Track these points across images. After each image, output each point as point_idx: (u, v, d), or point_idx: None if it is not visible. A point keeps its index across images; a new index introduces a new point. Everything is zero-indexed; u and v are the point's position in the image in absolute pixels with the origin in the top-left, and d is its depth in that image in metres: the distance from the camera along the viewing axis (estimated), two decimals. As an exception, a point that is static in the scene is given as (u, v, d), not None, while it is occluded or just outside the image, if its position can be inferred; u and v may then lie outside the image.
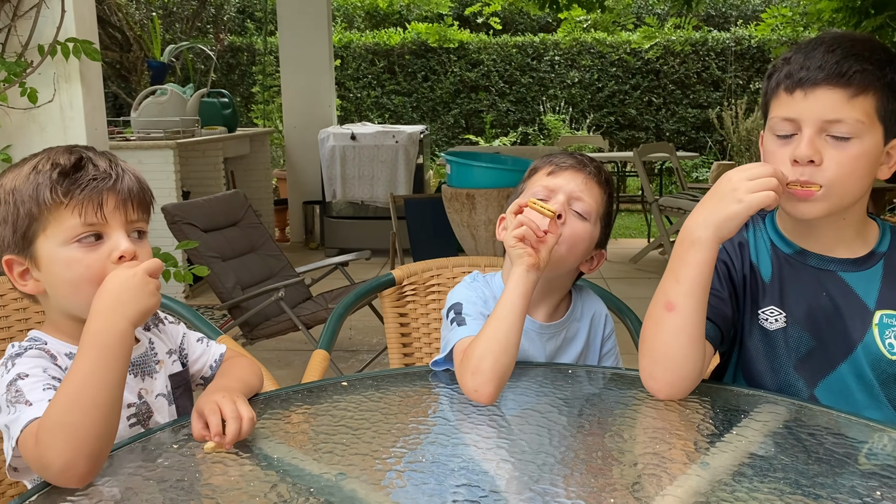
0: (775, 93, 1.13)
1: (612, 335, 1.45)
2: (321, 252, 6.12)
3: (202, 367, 1.22)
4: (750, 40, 9.50)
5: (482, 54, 9.80)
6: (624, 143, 9.58)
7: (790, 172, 1.10)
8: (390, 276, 1.71)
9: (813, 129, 1.08)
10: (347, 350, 3.83)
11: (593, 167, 1.35)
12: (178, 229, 3.33)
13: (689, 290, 1.09)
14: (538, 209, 1.16)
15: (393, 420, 1.10)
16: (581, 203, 1.30)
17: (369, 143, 5.91)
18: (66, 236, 1.00)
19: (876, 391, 1.17)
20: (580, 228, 1.29)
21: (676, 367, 1.11)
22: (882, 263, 1.18)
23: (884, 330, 1.16)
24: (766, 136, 1.16)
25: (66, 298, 1.03)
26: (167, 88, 5.17)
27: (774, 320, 1.19)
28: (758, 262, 1.22)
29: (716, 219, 1.07)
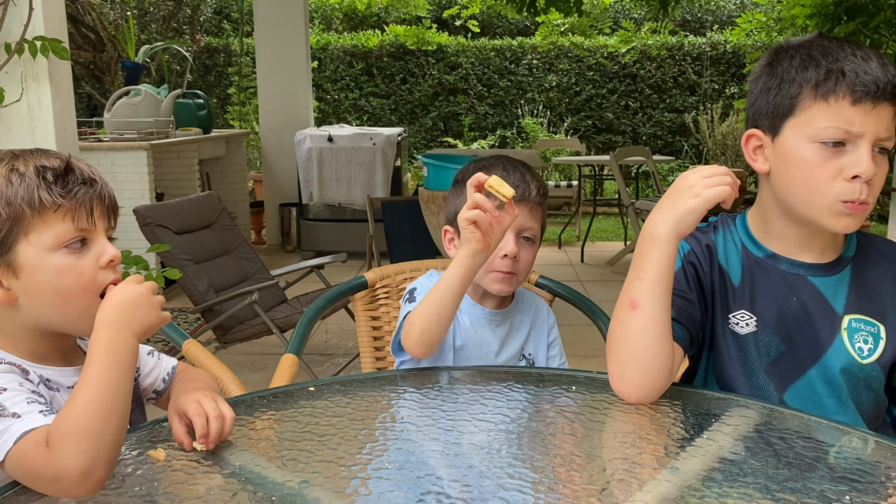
0: (830, 97, 1.06)
1: (554, 325, 1.56)
2: (298, 255, 6.07)
3: (154, 381, 1.19)
4: (725, 45, 9.59)
5: (460, 57, 9.80)
6: (601, 147, 9.62)
7: (844, 190, 1.07)
8: (363, 278, 1.69)
9: (871, 144, 1.07)
10: (323, 354, 3.80)
11: (535, 189, 1.39)
12: (151, 231, 3.28)
13: (652, 288, 1.09)
14: (495, 192, 1.15)
15: (359, 426, 1.08)
16: (530, 230, 1.40)
17: (346, 146, 5.88)
18: (55, 241, 0.97)
19: (844, 396, 1.17)
20: (532, 253, 1.41)
21: (644, 367, 1.10)
22: (850, 268, 1.19)
23: (853, 334, 1.16)
24: (798, 143, 1.10)
25: (50, 308, 0.99)
26: (141, 89, 5.10)
27: (745, 324, 1.19)
28: (727, 265, 1.22)
29: (674, 214, 1.08)
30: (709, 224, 1.27)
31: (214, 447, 0.97)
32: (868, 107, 1.05)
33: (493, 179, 1.14)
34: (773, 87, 1.12)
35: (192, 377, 1.17)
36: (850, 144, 1.07)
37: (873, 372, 1.16)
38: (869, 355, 1.16)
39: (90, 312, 0.96)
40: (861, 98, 1.05)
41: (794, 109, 1.10)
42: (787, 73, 1.11)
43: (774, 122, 1.13)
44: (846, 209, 1.08)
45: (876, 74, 1.05)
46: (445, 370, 1.32)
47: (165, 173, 5.30)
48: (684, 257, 1.22)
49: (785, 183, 1.13)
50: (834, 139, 1.07)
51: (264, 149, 6.60)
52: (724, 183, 1.06)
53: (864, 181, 1.06)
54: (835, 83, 1.06)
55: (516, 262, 1.38)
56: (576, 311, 1.73)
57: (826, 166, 1.08)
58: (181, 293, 4.57)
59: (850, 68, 1.06)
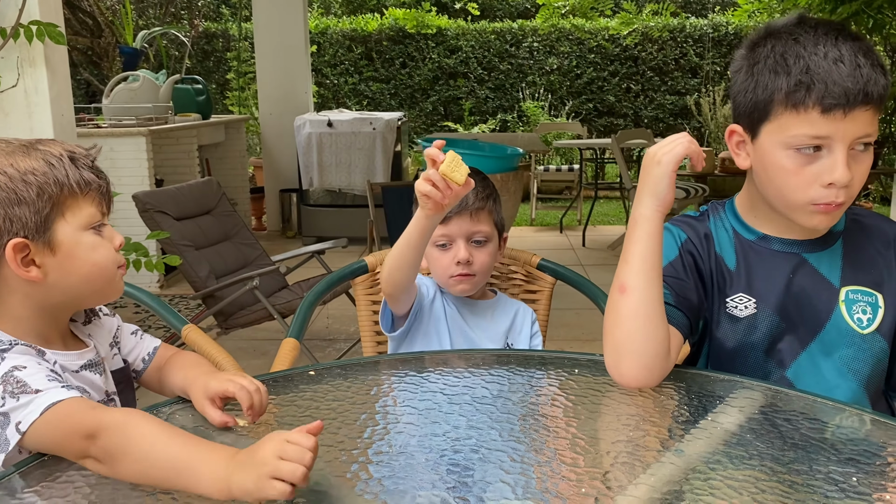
0: (800, 107, 1.05)
1: (535, 321, 1.61)
2: (298, 241, 6.05)
3: (134, 360, 1.20)
4: (727, 26, 9.52)
5: (460, 41, 9.73)
6: (602, 130, 9.58)
7: (820, 195, 1.07)
8: (363, 263, 1.68)
9: (846, 149, 1.05)
10: (324, 339, 3.79)
11: (474, 196, 1.44)
12: (150, 217, 3.26)
13: (639, 268, 1.10)
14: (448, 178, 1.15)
15: (360, 410, 1.07)
16: (479, 233, 1.47)
17: (346, 131, 5.85)
18: (87, 221, 1.04)
19: (845, 370, 1.17)
20: (487, 253, 1.48)
21: (639, 351, 1.09)
22: (841, 241, 1.19)
23: (851, 305, 1.16)
24: (774, 149, 1.10)
25: (85, 280, 1.05)
26: (139, 75, 5.07)
27: (744, 307, 1.19)
28: (721, 251, 1.22)
29: (647, 189, 1.11)
30: (702, 213, 1.28)
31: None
32: (839, 115, 1.04)
33: (445, 164, 1.14)
34: (750, 90, 1.12)
35: (193, 361, 1.17)
36: (825, 149, 1.06)
37: (875, 341, 1.17)
38: (868, 325, 1.16)
39: (111, 283, 1.08)
40: (830, 108, 1.04)
41: (769, 115, 1.10)
42: (761, 77, 1.10)
43: (752, 123, 1.13)
44: (821, 210, 1.08)
45: (845, 84, 1.03)
46: (447, 353, 1.31)
47: (165, 159, 5.28)
48: (681, 246, 1.22)
49: (763, 183, 1.15)
50: (805, 146, 1.07)
51: (264, 134, 6.57)
52: (681, 142, 1.10)
53: (840, 188, 1.06)
54: (804, 94, 1.05)
55: (471, 265, 1.46)
56: (577, 295, 1.72)
57: (801, 173, 1.08)
58: (182, 279, 4.56)
59: (819, 77, 1.04)
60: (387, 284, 1.35)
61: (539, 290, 1.74)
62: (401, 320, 1.45)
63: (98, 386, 1.08)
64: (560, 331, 1.60)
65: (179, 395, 1.11)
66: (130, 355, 1.19)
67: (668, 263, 1.19)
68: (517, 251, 1.74)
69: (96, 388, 1.08)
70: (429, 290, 1.51)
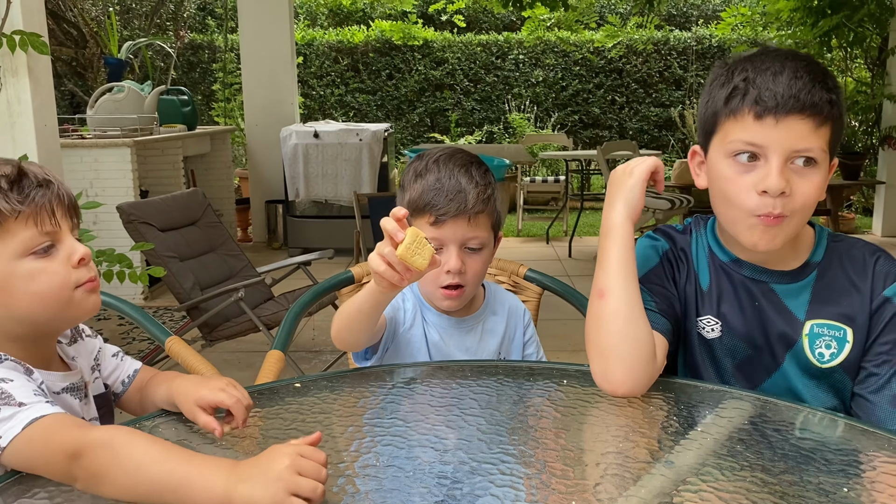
0: (737, 114, 1.08)
1: (530, 323, 1.49)
2: (284, 252, 6.03)
3: (113, 383, 1.18)
4: (711, 39, 9.60)
5: (447, 52, 9.76)
6: (588, 142, 9.62)
7: (757, 205, 1.07)
8: (349, 273, 1.67)
9: (781, 159, 1.06)
10: (310, 351, 3.77)
11: (473, 198, 1.27)
12: (134, 228, 3.23)
13: (616, 272, 1.12)
14: (408, 263, 0.99)
15: (347, 422, 1.06)
16: (475, 240, 1.30)
17: (333, 141, 5.83)
18: (21, 248, 0.96)
19: (809, 398, 1.18)
20: (480, 261, 1.32)
21: (624, 356, 1.09)
22: (815, 274, 1.18)
23: (814, 340, 1.16)
24: (718, 159, 1.12)
25: (28, 311, 0.99)
26: (124, 85, 5.04)
27: (711, 329, 1.20)
28: (697, 269, 1.23)
29: (621, 197, 1.14)
30: (685, 227, 1.28)
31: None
32: (771, 122, 1.05)
33: (405, 246, 0.97)
34: (703, 105, 1.16)
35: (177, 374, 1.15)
36: (761, 159, 1.07)
37: (835, 375, 1.16)
38: (830, 360, 1.16)
39: (69, 305, 0.99)
40: (762, 114, 1.05)
41: (715, 126, 1.12)
42: (712, 91, 1.13)
43: (705, 140, 1.16)
44: (760, 223, 1.08)
45: (778, 90, 1.04)
46: (435, 364, 1.30)
47: (150, 170, 5.24)
48: (663, 255, 1.24)
49: (712, 198, 1.16)
50: (741, 152, 1.08)
51: (250, 145, 6.55)
52: (651, 158, 1.16)
53: (774, 196, 1.06)
54: (739, 100, 1.08)
55: (463, 274, 1.30)
56: (565, 305, 1.71)
57: (738, 181, 1.09)
58: (166, 291, 4.52)
59: (756, 84, 1.06)
60: (337, 342, 1.21)
61: (526, 300, 1.73)
62: (373, 349, 1.31)
63: (76, 411, 1.05)
64: (548, 341, 1.57)
65: (163, 408, 1.09)
66: (110, 378, 1.17)
67: (650, 271, 1.21)
68: (504, 261, 1.73)
69: (73, 413, 1.04)
70: (406, 315, 1.36)
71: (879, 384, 1.13)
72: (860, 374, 1.16)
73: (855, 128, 6.92)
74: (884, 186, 6.48)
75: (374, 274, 1.04)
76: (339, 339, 1.19)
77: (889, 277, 1.16)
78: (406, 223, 1.01)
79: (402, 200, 1.33)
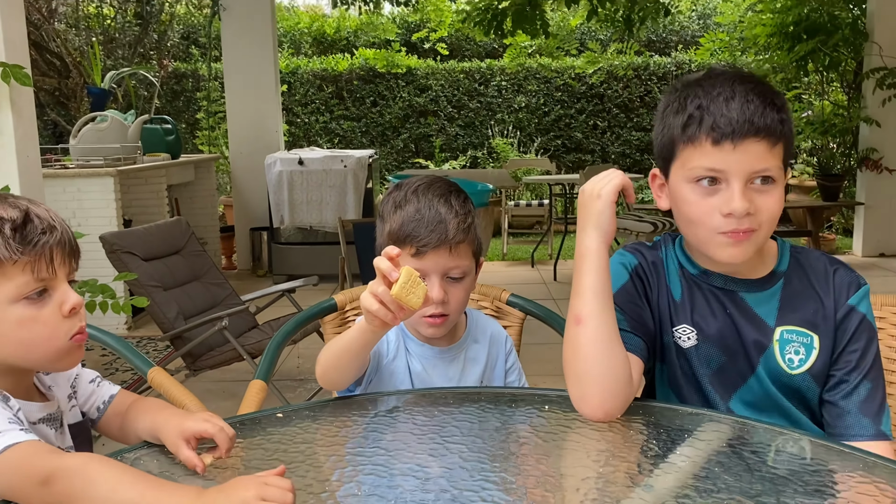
0: (695, 141, 1.11)
1: (512, 350, 1.48)
2: (269, 279, 6.01)
3: (89, 409, 1.17)
4: (690, 64, 9.75)
5: (430, 79, 9.85)
6: (571, 166, 9.70)
7: (722, 224, 1.11)
8: (332, 301, 1.67)
9: (742, 181, 1.09)
10: (295, 379, 3.75)
11: (454, 228, 1.27)
12: (118, 258, 3.22)
13: (592, 298, 1.12)
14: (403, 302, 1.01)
15: (329, 452, 1.06)
16: (456, 269, 1.30)
17: (317, 168, 5.85)
18: (15, 294, 0.97)
19: (785, 404, 1.20)
20: (463, 289, 1.32)
21: (601, 381, 1.10)
22: (782, 283, 1.22)
23: (784, 345, 1.19)
24: (680, 184, 1.15)
25: (13, 355, 1.00)
26: (107, 115, 5.05)
27: (687, 338, 1.22)
28: (669, 281, 1.25)
29: (591, 223, 1.14)
30: (655, 243, 1.31)
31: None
32: (728, 147, 1.09)
33: (399, 286, 0.99)
34: (660, 132, 1.19)
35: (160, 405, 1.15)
36: (723, 182, 1.11)
37: (804, 382, 1.19)
38: (799, 366, 1.18)
39: (56, 354, 1.00)
40: (719, 140, 1.09)
41: (674, 153, 1.16)
42: (666, 119, 1.17)
43: (664, 165, 1.19)
44: (729, 239, 1.12)
45: (732, 115, 1.08)
46: (417, 392, 1.30)
47: (133, 199, 5.23)
48: (632, 271, 1.26)
49: (678, 220, 1.19)
50: (702, 177, 1.12)
51: (234, 173, 6.56)
52: (616, 175, 1.15)
53: (739, 217, 1.09)
54: (696, 127, 1.11)
55: (446, 303, 1.29)
56: (549, 329, 1.72)
57: (702, 205, 1.12)
58: (150, 321, 4.49)
59: (710, 111, 1.10)
60: (323, 382, 1.20)
61: (509, 325, 1.74)
62: (357, 382, 1.30)
63: (51, 441, 1.05)
64: (532, 366, 1.58)
65: (146, 440, 1.09)
66: (86, 404, 1.17)
67: (621, 288, 1.23)
68: (487, 287, 1.74)
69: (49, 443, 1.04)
70: (390, 347, 1.35)
71: (848, 390, 1.17)
72: (830, 381, 1.19)
73: (833, 150, 7.03)
74: (863, 207, 6.57)
75: (367, 313, 1.05)
76: (325, 378, 1.19)
77: (852, 286, 1.20)
78: (399, 262, 1.03)
79: (381, 231, 1.34)
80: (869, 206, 6.52)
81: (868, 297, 1.21)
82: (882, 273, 5.98)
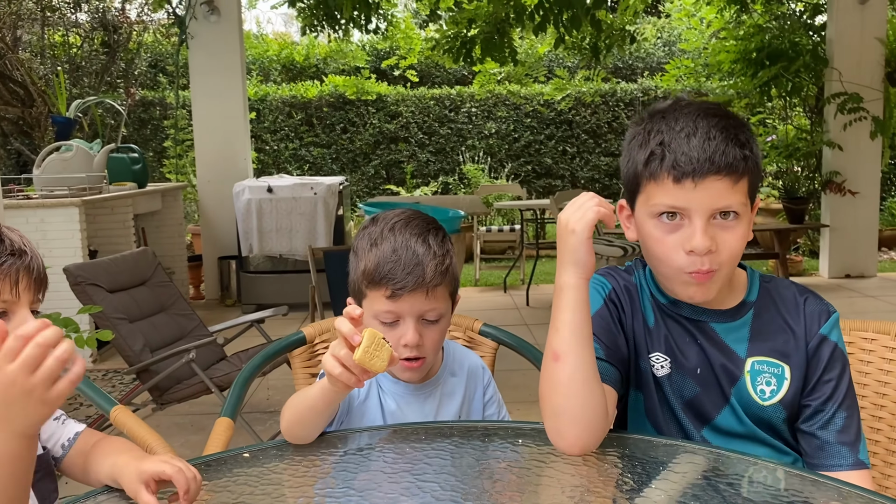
0: (656, 178, 1.11)
1: (491, 382, 1.44)
2: (238, 309, 5.93)
3: (53, 446, 1.14)
4: (656, 90, 9.91)
5: (400, 106, 9.89)
6: (541, 191, 9.77)
7: (686, 263, 1.11)
8: (301, 334, 1.64)
9: (704, 219, 1.09)
10: (265, 412, 3.68)
11: (432, 270, 1.23)
12: (82, 291, 3.15)
13: (570, 335, 1.10)
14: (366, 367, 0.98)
15: (297, 493, 1.03)
16: (432, 311, 1.26)
17: (287, 196, 5.82)
18: None
19: (760, 434, 1.19)
20: (438, 331, 1.28)
21: (579, 417, 1.09)
22: (752, 313, 1.21)
23: (755, 376, 1.18)
24: (644, 219, 1.15)
25: None
26: (72, 144, 4.97)
27: (661, 366, 1.21)
28: (643, 308, 1.25)
29: (568, 258, 1.11)
30: (628, 267, 1.31)
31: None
32: (689, 185, 1.09)
33: (363, 350, 0.96)
34: (626, 164, 1.18)
35: (123, 447, 1.12)
36: (685, 219, 1.11)
37: (776, 413, 1.18)
38: (771, 397, 1.18)
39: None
40: (680, 178, 1.09)
41: (639, 187, 1.15)
42: (631, 151, 1.16)
43: (630, 197, 1.19)
44: (692, 279, 1.12)
45: (693, 154, 1.08)
46: (388, 428, 1.27)
47: (99, 230, 5.15)
48: (606, 296, 1.25)
49: (644, 253, 1.19)
50: (664, 213, 1.12)
51: (202, 201, 6.49)
52: (591, 207, 1.10)
53: (702, 255, 1.09)
54: (658, 164, 1.11)
55: (421, 346, 1.25)
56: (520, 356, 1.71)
57: (666, 241, 1.12)
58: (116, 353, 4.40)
59: (671, 149, 1.10)
60: (287, 436, 1.17)
61: (483, 355, 1.72)
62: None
63: None
64: (507, 393, 1.56)
65: (107, 484, 1.05)
66: (50, 441, 1.13)
67: (595, 314, 1.21)
68: (460, 316, 1.72)
69: None
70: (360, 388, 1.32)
71: (825, 419, 1.17)
72: (806, 412, 1.18)
73: (798, 173, 7.16)
74: (828, 230, 6.68)
75: (329, 376, 1.02)
76: (290, 434, 1.16)
77: (822, 316, 1.20)
78: (362, 323, 0.99)
79: (355, 268, 1.30)
80: (834, 228, 6.64)
81: (838, 325, 1.21)
82: (848, 294, 6.07)
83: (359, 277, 1.27)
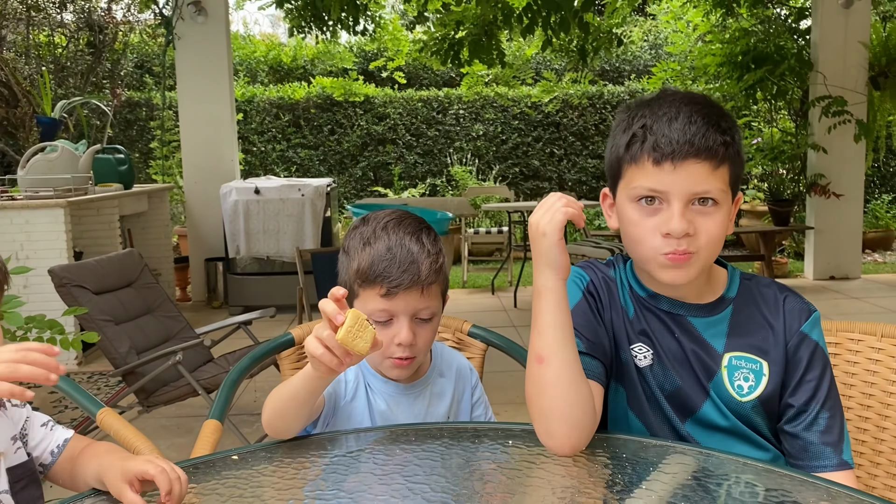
0: (637, 160, 1.12)
1: (478, 383, 1.45)
2: (225, 311, 5.90)
3: (41, 454, 1.12)
4: (643, 93, 9.95)
5: (388, 108, 9.87)
6: (529, 193, 9.78)
7: (662, 245, 1.11)
8: (289, 336, 1.63)
9: (682, 202, 1.10)
10: (252, 414, 3.66)
11: (426, 269, 1.23)
12: (67, 292, 3.12)
13: (552, 337, 1.10)
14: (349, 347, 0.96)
15: (286, 495, 1.02)
16: (426, 310, 1.26)
17: (274, 197, 5.79)
18: None
19: (741, 429, 1.19)
20: (430, 329, 1.29)
21: (567, 417, 1.09)
22: (731, 309, 1.22)
23: (733, 372, 1.19)
24: (624, 203, 1.15)
25: None
26: (57, 145, 4.93)
27: (643, 357, 1.21)
28: (623, 301, 1.25)
29: (543, 261, 1.11)
30: (608, 261, 1.31)
31: None
32: (669, 167, 1.09)
33: (345, 330, 0.95)
34: (608, 151, 1.19)
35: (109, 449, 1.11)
36: (663, 203, 1.12)
37: (754, 409, 1.18)
38: (749, 392, 1.18)
39: None
40: (660, 160, 1.10)
41: (620, 171, 1.16)
42: (614, 137, 1.17)
43: (612, 183, 1.20)
44: (669, 261, 1.12)
45: (673, 136, 1.09)
46: (377, 429, 1.27)
47: (84, 231, 5.11)
48: (584, 288, 1.25)
49: (624, 240, 1.20)
50: (643, 197, 1.12)
51: (189, 203, 6.46)
52: (559, 209, 1.10)
53: (678, 238, 1.10)
54: (639, 146, 1.12)
55: (414, 346, 1.25)
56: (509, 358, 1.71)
57: (644, 224, 1.13)
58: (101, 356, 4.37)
59: (652, 131, 1.11)
60: (269, 430, 1.15)
61: (471, 356, 1.72)
62: (312, 423, 1.25)
63: None
64: (496, 394, 1.56)
65: (94, 487, 1.04)
66: (38, 448, 1.11)
67: (575, 307, 1.20)
68: (449, 318, 1.72)
69: None
70: (348, 387, 1.30)
71: (809, 420, 1.17)
72: (788, 412, 1.18)
73: (783, 175, 7.21)
74: (813, 232, 6.73)
75: (312, 358, 1.00)
76: (271, 427, 1.15)
77: (803, 314, 1.20)
78: (346, 304, 0.98)
79: (347, 268, 1.28)
80: (818, 231, 6.69)
81: (819, 324, 1.21)
82: (832, 296, 6.12)
83: (351, 277, 1.27)
